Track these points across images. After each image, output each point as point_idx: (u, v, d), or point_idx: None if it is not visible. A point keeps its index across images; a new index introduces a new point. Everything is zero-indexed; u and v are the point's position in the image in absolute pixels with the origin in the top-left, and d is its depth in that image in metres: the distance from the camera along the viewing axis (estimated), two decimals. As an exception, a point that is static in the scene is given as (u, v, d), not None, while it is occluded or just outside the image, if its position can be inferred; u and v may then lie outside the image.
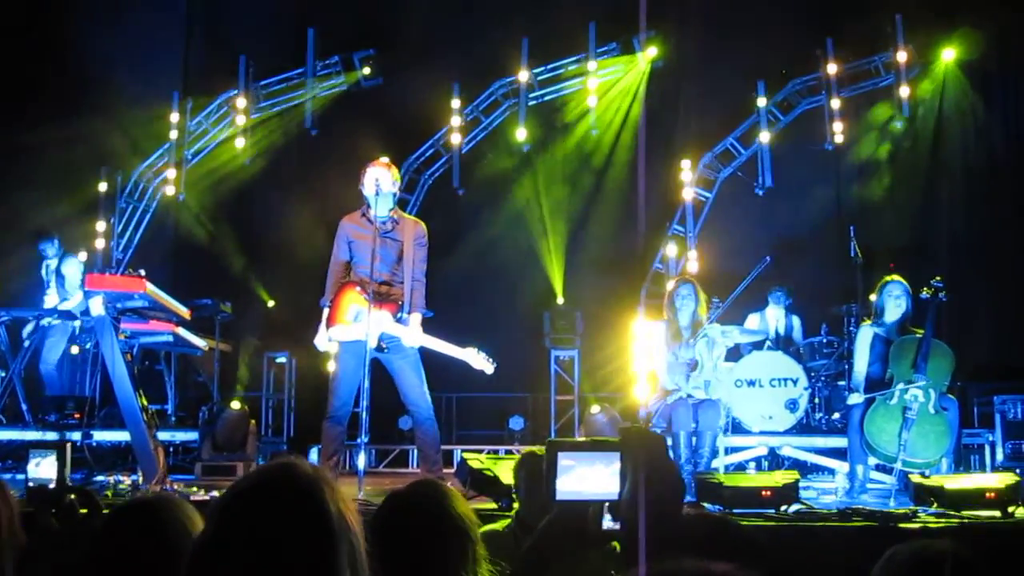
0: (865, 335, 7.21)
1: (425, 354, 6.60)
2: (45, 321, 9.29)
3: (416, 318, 6.46)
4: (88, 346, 9.73)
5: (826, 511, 5.55)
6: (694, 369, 7.57)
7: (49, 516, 2.26)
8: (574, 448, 1.84)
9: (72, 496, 2.41)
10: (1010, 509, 5.35)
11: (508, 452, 7.63)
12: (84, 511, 2.38)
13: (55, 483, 2.63)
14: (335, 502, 1.66)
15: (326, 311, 6.51)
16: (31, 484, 2.66)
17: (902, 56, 10.89)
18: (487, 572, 2.29)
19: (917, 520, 5.14)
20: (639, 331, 9.57)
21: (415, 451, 9.61)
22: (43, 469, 2.67)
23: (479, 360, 6.44)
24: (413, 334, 6.41)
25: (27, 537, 2.08)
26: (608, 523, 1.85)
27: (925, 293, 6.86)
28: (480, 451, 7.29)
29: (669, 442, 7.05)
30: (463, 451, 7.42)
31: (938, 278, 6.89)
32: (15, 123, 10.78)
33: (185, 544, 2.05)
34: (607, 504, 1.86)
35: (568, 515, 1.91)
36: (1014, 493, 5.44)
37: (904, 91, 10.90)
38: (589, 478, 1.82)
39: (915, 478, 6.11)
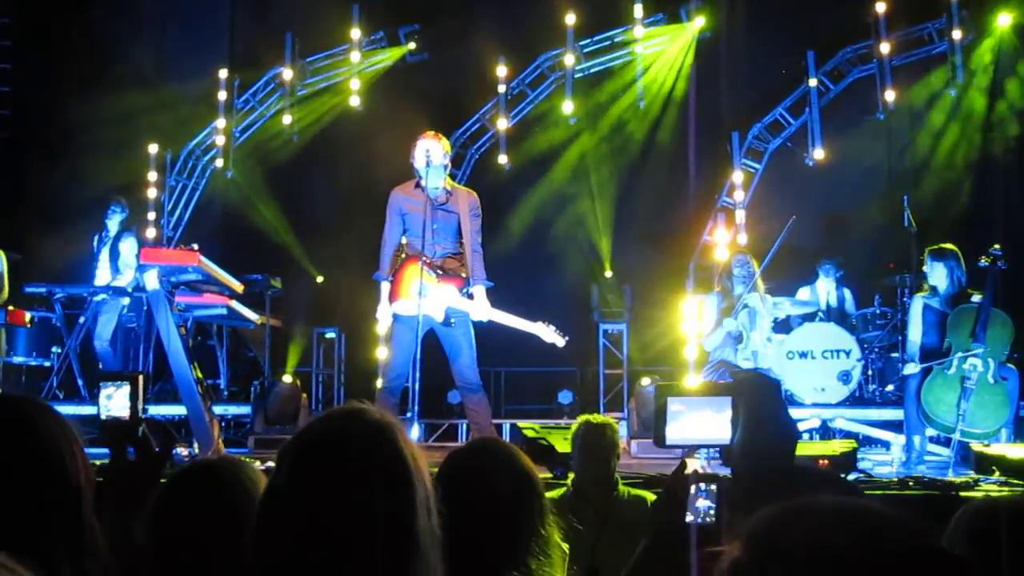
0: (917, 305, 7.13)
1: (475, 327, 6.58)
2: (99, 297, 9.41)
3: (481, 290, 6.41)
4: (134, 325, 9.84)
5: (885, 480, 5.49)
6: (740, 341, 7.54)
7: (125, 451, 2.26)
8: (684, 393, 1.80)
9: (145, 428, 2.40)
10: (1075, 478, 5.26)
11: (557, 425, 7.61)
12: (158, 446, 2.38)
13: (129, 416, 2.59)
14: (408, 445, 1.65)
15: (385, 285, 6.45)
16: (104, 418, 2.62)
17: (956, 22, 10.66)
18: (555, 526, 2.28)
19: (979, 488, 5.07)
20: (688, 303, 9.51)
21: (464, 425, 9.63)
22: (115, 402, 2.63)
23: (549, 334, 6.41)
24: (481, 307, 6.36)
25: (103, 473, 2.08)
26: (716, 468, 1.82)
27: (984, 261, 6.74)
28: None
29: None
30: (512, 423, 7.39)
31: (996, 246, 6.77)
32: (65, 101, 10.91)
33: (249, 504, 2.04)
34: (716, 449, 1.82)
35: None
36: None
37: (958, 58, 10.67)
38: (698, 424, 1.77)
39: (976, 447, 6.03)
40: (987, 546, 2.04)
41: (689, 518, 1.78)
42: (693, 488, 1.81)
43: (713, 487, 1.78)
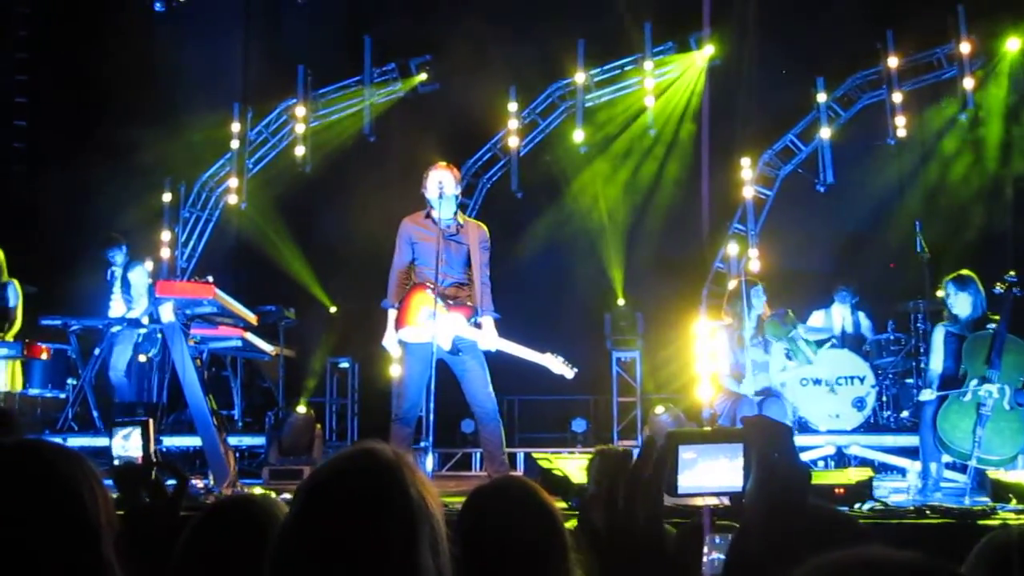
0: (939, 334, 7.07)
1: (488, 356, 6.57)
2: (114, 329, 9.45)
3: (489, 321, 6.43)
4: (152, 354, 9.87)
5: (902, 509, 5.45)
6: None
7: (139, 493, 2.27)
8: (696, 440, 1.77)
9: (157, 470, 2.41)
10: (1092, 505, 5.22)
11: (571, 454, 7.60)
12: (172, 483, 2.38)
13: (141, 458, 2.60)
14: (416, 485, 1.67)
15: (393, 312, 6.48)
16: (117, 461, 2.64)
17: (965, 47, 10.68)
18: (577, 564, 2.28)
19: (996, 517, 5.03)
20: (701, 331, 9.50)
21: (478, 454, 9.62)
22: (129, 444, 2.65)
23: (558, 365, 6.38)
24: (489, 337, 6.38)
25: (119, 516, 2.10)
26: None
27: (998, 288, 6.71)
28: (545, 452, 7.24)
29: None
30: (526, 452, 7.38)
31: (1011, 272, 6.74)
32: (81, 135, 11.00)
33: None
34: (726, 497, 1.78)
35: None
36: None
37: (967, 83, 10.68)
38: (712, 472, 1.75)
39: (993, 474, 5.99)
40: None
41: (704, 572, 1.77)
42: (708, 539, 1.80)
43: (729, 537, 1.77)
